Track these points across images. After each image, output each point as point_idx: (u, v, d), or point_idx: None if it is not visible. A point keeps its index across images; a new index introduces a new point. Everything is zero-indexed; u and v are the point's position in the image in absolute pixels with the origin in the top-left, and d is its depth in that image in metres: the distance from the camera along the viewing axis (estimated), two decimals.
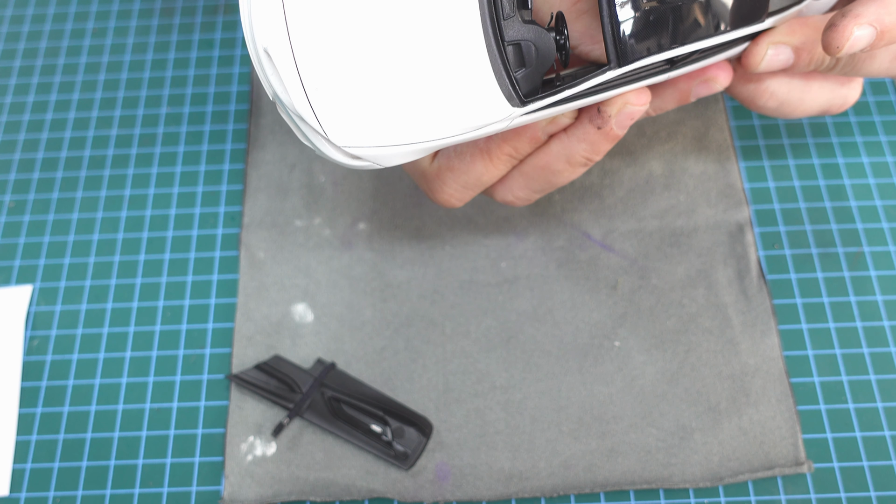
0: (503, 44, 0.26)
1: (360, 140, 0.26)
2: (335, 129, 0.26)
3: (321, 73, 0.25)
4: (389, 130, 0.26)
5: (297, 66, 0.25)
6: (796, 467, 0.36)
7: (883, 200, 0.43)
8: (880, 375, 0.38)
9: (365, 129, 0.26)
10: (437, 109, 0.26)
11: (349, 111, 0.26)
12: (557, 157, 0.32)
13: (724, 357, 0.39)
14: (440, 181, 0.32)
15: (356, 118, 0.26)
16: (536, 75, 0.27)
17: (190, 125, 0.47)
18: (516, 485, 0.36)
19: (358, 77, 0.25)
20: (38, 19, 0.51)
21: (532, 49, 0.26)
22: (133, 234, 0.43)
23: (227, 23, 0.50)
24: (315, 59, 0.25)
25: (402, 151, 0.27)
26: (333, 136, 0.26)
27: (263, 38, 0.25)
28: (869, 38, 0.27)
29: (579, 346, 0.39)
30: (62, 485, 0.37)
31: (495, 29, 0.26)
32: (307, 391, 0.38)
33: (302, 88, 0.25)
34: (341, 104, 0.25)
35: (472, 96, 0.26)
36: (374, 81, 0.25)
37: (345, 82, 0.25)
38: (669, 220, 0.42)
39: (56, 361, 0.40)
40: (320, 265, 0.42)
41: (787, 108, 0.35)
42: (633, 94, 0.29)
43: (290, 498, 0.36)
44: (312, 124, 0.26)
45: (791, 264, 0.41)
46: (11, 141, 0.47)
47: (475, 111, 0.26)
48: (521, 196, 0.34)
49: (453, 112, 0.26)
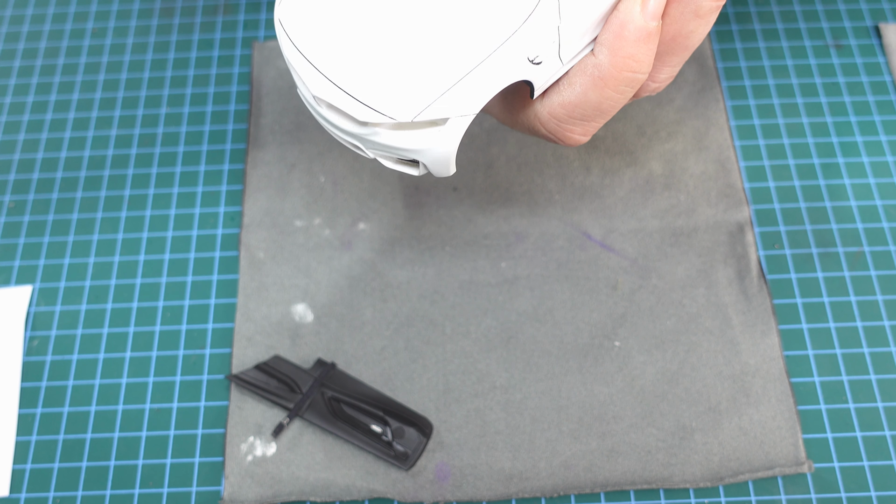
0: None
1: (425, 100, 0.25)
2: (398, 106, 0.25)
3: (364, 79, 0.26)
4: (443, 75, 0.25)
5: (342, 88, 0.26)
6: (797, 467, 0.36)
7: (883, 200, 0.43)
8: (880, 375, 0.38)
9: (422, 89, 0.25)
10: (478, 38, 0.25)
11: (399, 85, 0.25)
12: (684, 19, 0.28)
13: (725, 357, 0.38)
14: (627, 69, 0.28)
15: (408, 87, 0.25)
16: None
17: (190, 125, 0.47)
18: (516, 485, 0.36)
19: (393, 61, 0.25)
20: (38, 19, 0.51)
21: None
22: (133, 235, 0.43)
23: (226, 23, 0.50)
24: (352, 73, 0.26)
25: (469, 86, 0.26)
26: (400, 114, 0.25)
27: (308, 92, 0.27)
28: None
29: (579, 346, 0.39)
30: (62, 485, 0.37)
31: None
32: (307, 391, 0.38)
33: (356, 100, 0.26)
34: (389, 86, 0.25)
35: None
36: (408, 58, 0.25)
37: (383, 71, 0.25)
38: (669, 220, 0.42)
39: (56, 362, 0.40)
40: (320, 265, 0.42)
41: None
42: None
43: (290, 498, 0.36)
44: (381, 120, 0.26)
45: (791, 264, 0.41)
46: (11, 141, 0.47)
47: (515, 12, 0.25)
48: (664, 78, 0.30)
49: (495, 29, 0.25)
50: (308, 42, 0.27)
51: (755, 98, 0.46)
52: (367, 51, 0.26)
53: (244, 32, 0.50)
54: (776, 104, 0.46)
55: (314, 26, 0.27)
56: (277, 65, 0.48)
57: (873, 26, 0.48)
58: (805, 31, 0.48)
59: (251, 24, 0.50)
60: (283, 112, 0.46)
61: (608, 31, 0.27)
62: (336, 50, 0.26)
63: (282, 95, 0.47)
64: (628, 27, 0.26)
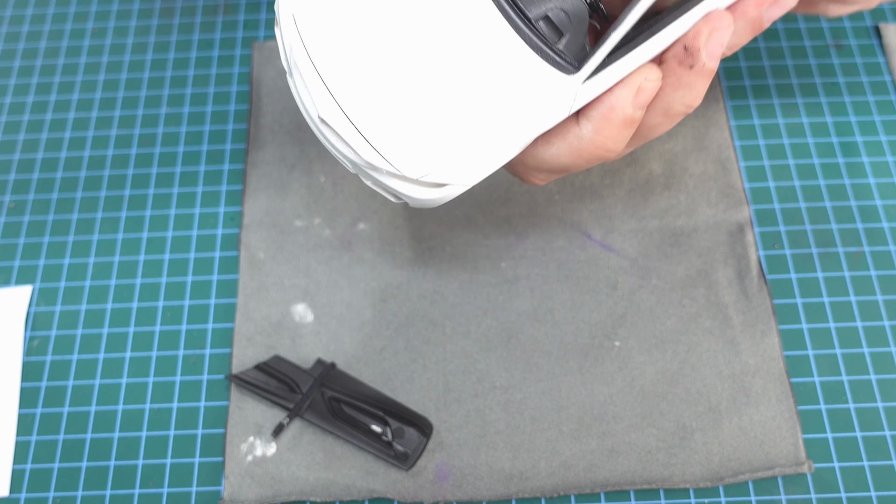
0: (531, 22, 0.25)
1: (435, 164, 0.26)
2: (405, 163, 0.26)
3: (375, 120, 0.25)
4: (459, 145, 0.26)
5: (353, 122, 0.25)
6: (797, 467, 0.36)
7: (883, 200, 0.43)
8: (881, 375, 0.38)
9: (436, 152, 0.26)
10: (504, 113, 0.26)
11: (413, 140, 0.25)
12: (654, 114, 0.30)
13: (725, 357, 0.38)
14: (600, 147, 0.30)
15: (423, 145, 0.25)
16: (578, 36, 0.26)
17: (189, 125, 0.47)
18: (516, 485, 0.36)
19: (413, 109, 0.25)
20: (38, 19, 0.51)
21: (562, 15, 0.26)
22: (133, 235, 0.43)
23: (226, 23, 0.50)
24: (363, 104, 0.25)
25: (483, 163, 0.26)
26: (408, 171, 0.26)
27: (315, 111, 0.25)
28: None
29: (579, 346, 0.39)
30: (62, 485, 0.37)
31: (517, 12, 0.25)
32: (307, 391, 0.38)
33: (364, 139, 0.25)
34: (404, 138, 0.25)
35: (528, 83, 0.26)
36: (428, 113, 0.25)
37: (399, 118, 0.25)
38: (669, 220, 0.42)
39: (56, 362, 0.40)
40: (320, 265, 0.42)
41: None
42: (716, 18, 0.27)
43: (290, 498, 0.36)
44: (385, 167, 0.26)
45: (791, 264, 0.41)
46: (11, 141, 0.47)
47: (537, 97, 0.26)
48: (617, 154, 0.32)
49: (517, 109, 0.26)
50: (324, 54, 0.25)
51: (755, 98, 0.46)
52: (390, 92, 0.25)
53: (244, 32, 0.50)
54: (776, 104, 0.46)
55: (335, 37, 0.25)
56: (277, 65, 0.48)
57: (873, 26, 0.48)
58: (805, 30, 0.48)
59: (251, 24, 0.50)
60: (283, 112, 0.46)
61: (597, 111, 0.28)
62: (355, 75, 0.25)
63: (282, 95, 0.47)
64: (617, 112, 0.28)
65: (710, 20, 0.27)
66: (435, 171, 0.26)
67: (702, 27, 0.28)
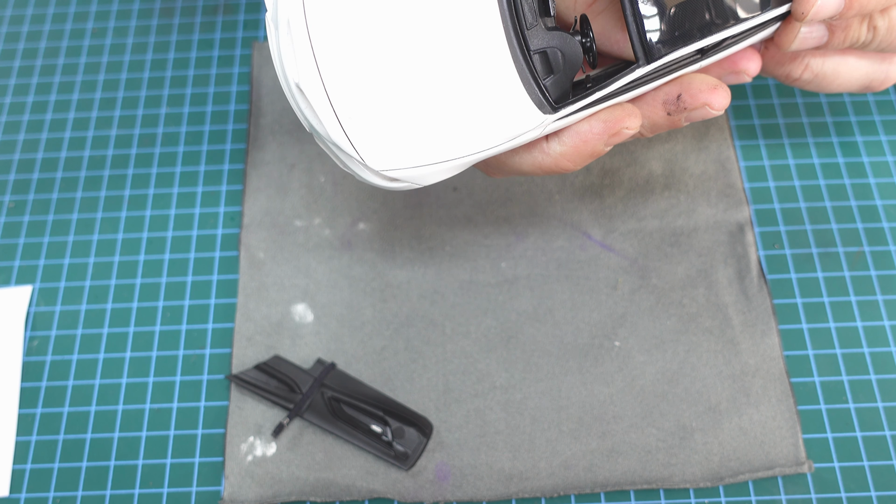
0: (529, 53, 0.26)
1: (397, 162, 0.26)
2: (372, 154, 0.26)
3: (353, 103, 0.25)
4: (425, 150, 0.26)
5: (330, 99, 0.25)
6: (797, 467, 0.36)
7: (883, 200, 0.43)
8: (881, 375, 0.38)
9: (401, 151, 0.26)
10: (470, 125, 0.26)
11: (384, 136, 0.26)
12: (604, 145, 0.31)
13: (725, 357, 0.38)
14: (559, 167, 0.31)
15: (391, 142, 0.26)
16: (565, 80, 0.27)
17: (189, 125, 0.47)
18: (516, 485, 0.36)
19: (389, 102, 0.25)
20: (38, 19, 0.51)
21: (558, 55, 0.26)
22: (133, 235, 0.43)
23: (226, 23, 0.50)
24: (346, 89, 0.25)
25: (439, 169, 0.27)
26: (371, 161, 0.26)
27: (294, 74, 0.25)
28: (836, 7, 0.27)
29: (579, 346, 0.39)
30: (62, 485, 0.37)
31: (520, 39, 0.26)
32: (307, 391, 0.38)
33: (336, 119, 0.25)
34: (375, 130, 0.26)
35: (504, 108, 0.26)
36: (405, 105, 0.26)
37: (377, 109, 0.25)
38: (669, 220, 0.42)
39: (56, 362, 0.40)
40: (320, 265, 0.42)
41: (824, 81, 0.34)
42: (716, 97, 0.28)
43: (290, 498, 0.36)
44: (349, 152, 0.26)
45: (791, 264, 0.41)
46: (11, 141, 0.47)
47: (508, 123, 0.27)
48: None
49: (486, 126, 0.26)
50: (322, 23, 0.25)
51: (755, 98, 0.46)
52: (375, 81, 0.25)
53: (244, 32, 0.50)
54: (776, 104, 0.46)
55: (339, 10, 0.25)
56: None
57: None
58: None
59: (251, 24, 0.50)
60: (283, 112, 0.46)
61: (569, 137, 0.29)
62: (347, 54, 0.25)
63: (282, 95, 0.47)
64: (589, 146, 0.29)
65: (712, 98, 0.28)
66: (395, 169, 0.26)
67: (700, 96, 0.29)
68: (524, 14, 0.26)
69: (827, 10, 0.27)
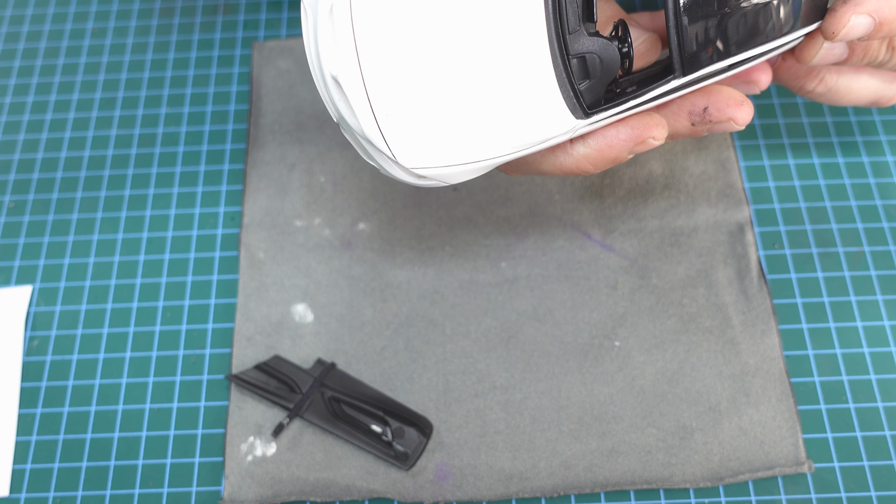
0: (568, 58, 0.26)
1: (428, 161, 0.26)
2: (404, 152, 0.26)
3: (391, 100, 0.25)
4: (456, 151, 0.26)
5: (368, 94, 0.25)
6: (797, 467, 0.36)
7: (883, 200, 0.43)
8: (880, 375, 0.38)
9: (433, 151, 0.26)
10: (503, 127, 0.26)
11: (418, 135, 0.26)
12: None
13: (725, 357, 0.38)
14: (580, 169, 0.31)
15: (425, 141, 0.26)
16: (600, 86, 0.27)
17: (189, 125, 0.47)
18: (516, 485, 0.36)
19: (427, 101, 0.25)
20: (38, 19, 0.51)
21: (597, 60, 0.26)
22: (133, 235, 0.43)
23: (226, 23, 0.50)
24: (385, 86, 0.25)
25: (468, 169, 0.27)
26: (402, 158, 0.26)
27: (333, 65, 0.25)
28: (866, 28, 0.28)
29: (579, 346, 0.39)
30: (62, 485, 0.37)
31: (561, 44, 0.25)
32: (307, 391, 0.38)
33: (372, 115, 0.25)
34: (410, 129, 0.26)
35: (538, 111, 0.26)
36: (442, 105, 0.25)
37: (414, 107, 0.25)
38: (669, 220, 0.42)
39: (56, 362, 0.40)
40: (320, 265, 0.42)
41: (835, 95, 0.34)
42: (742, 113, 0.29)
43: (291, 498, 0.36)
44: (381, 148, 0.26)
45: (791, 264, 0.41)
46: (11, 141, 0.47)
47: (540, 125, 0.26)
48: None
49: (518, 128, 0.26)
50: (369, 32, 0.24)
51: (755, 98, 0.46)
52: (414, 79, 0.25)
53: (244, 32, 0.50)
54: (776, 104, 0.46)
55: (386, 7, 0.24)
56: (277, 65, 0.48)
57: None
58: None
59: (251, 24, 0.50)
60: (283, 112, 0.46)
61: (594, 141, 0.29)
62: (389, 49, 0.24)
63: (282, 95, 0.47)
64: (613, 152, 0.29)
65: (737, 114, 0.29)
66: (425, 168, 0.26)
67: (726, 111, 0.29)
68: (568, 18, 0.25)
69: (857, 31, 0.28)
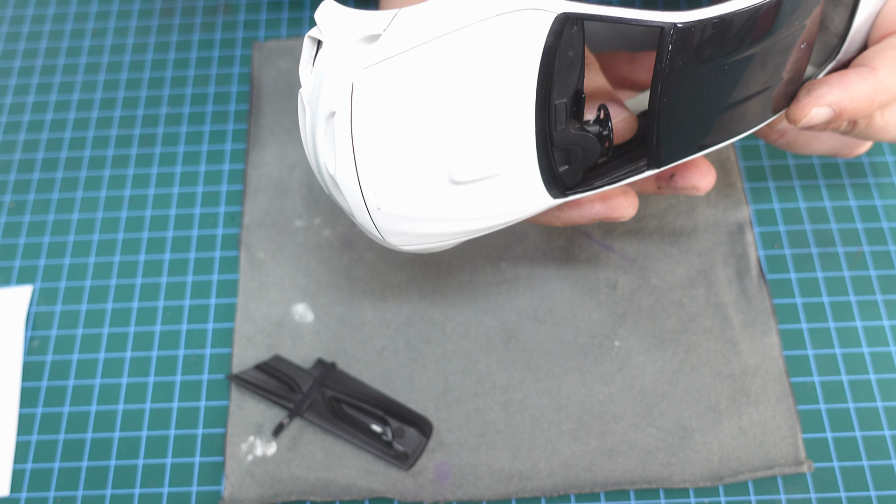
0: (553, 150, 0.27)
1: (414, 242, 0.28)
2: (393, 237, 0.28)
3: (384, 199, 0.26)
4: (440, 235, 0.28)
5: (363, 194, 0.26)
6: (796, 467, 0.36)
7: (883, 200, 0.43)
8: (880, 375, 0.38)
9: (419, 237, 0.28)
10: (485, 212, 0.28)
11: (406, 227, 0.27)
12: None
13: (724, 357, 0.39)
14: (549, 222, 0.33)
15: (412, 231, 0.28)
16: (578, 171, 0.28)
17: (190, 125, 0.47)
18: (516, 485, 0.36)
19: (417, 200, 0.27)
20: (38, 20, 0.51)
21: (578, 151, 0.28)
22: (133, 235, 0.43)
23: (226, 23, 0.50)
24: (380, 187, 0.26)
25: (449, 244, 0.29)
26: (391, 241, 0.28)
27: (331, 166, 0.26)
28: (826, 117, 0.30)
29: (579, 346, 0.39)
30: (62, 485, 0.37)
31: (546, 141, 0.27)
32: (307, 391, 0.38)
33: (365, 208, 0.27)
34: (400, 222, 0.27)
35: (519, 195, 0.28)
36: (430, 201, 0.27)
37: (405, 205, 0.27)
38: (669, 220, 0.42)
39: (56, 362, 0.40)
40: (320, 265, 0.42)
41: (796, 147, 0.37)
42: (706, 182, 0.31)
43: (291, 498, 0.36)
44: (372, 232, 0.28)
45: (791, 264, 0.41)
46: (11, 141, 0.47)
47: (520, 206, 0.28)
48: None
49: (499, 210, 0.28)
50: (367, 140, 0.25)
51: None
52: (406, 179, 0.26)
53: (244, 33, 0.50)
54: None
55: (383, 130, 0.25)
56: (277, 65, 0.48)
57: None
58: None
59: (251, 24, 0.50)
60: (283, 112, 0.46)
61: (568, 208, 0.31)
62: (384, 164, 0.26)
63: (282, 95, 0.47)
64: (585, 217, 0.31)
65: (700, 182, 0.31)
66: (409, 246, 0.29)
67: (690, 178, 0.31)
68: (556, 120, 0.27)
69: (818, 120, 0.30)
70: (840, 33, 0.32)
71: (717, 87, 0.27)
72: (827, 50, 0.33)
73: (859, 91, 0.29)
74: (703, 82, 0.26)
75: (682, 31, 0.25)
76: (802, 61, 0.29)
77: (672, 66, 0.25)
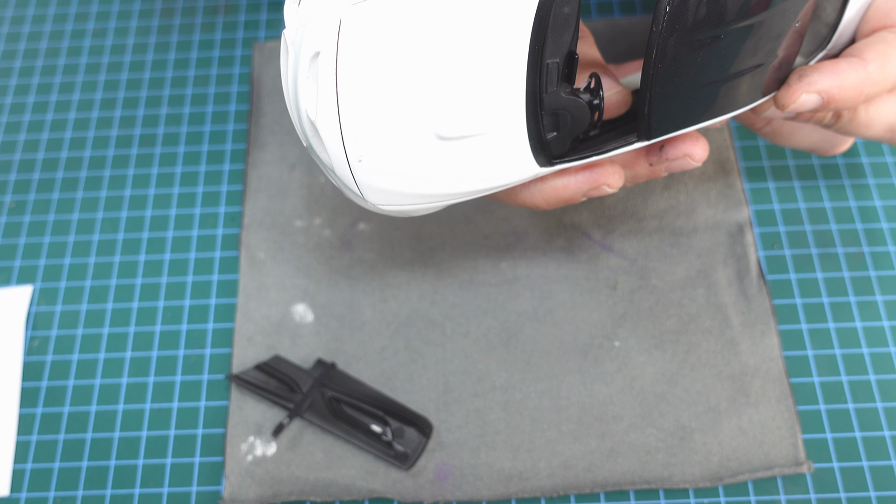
0: (542, 113, 0.26)
1: (394, 201, 0.27)
2: (372, 194, 0.27)
3: (366, 149, 0.25)
4: (422, 194, 0.27)
5: (344, 142, 0.25)
6: (796, 467, 0.36)
7: (882, 201, 0.43)
8: (880, 375, 0.38)
9: (401, 194, 0.27)
10: (470, 173, 0.27)
11: (387, 181, 0.26)
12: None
13: (724, 357, 0.39)
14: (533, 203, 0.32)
15: (393, 186, 0.27)
16: (567, 139, 0.27)
17: (190, 126, 0.47)
18: (516, 485, 0.36)
19: (399, 152, 0.26)
20: (39, 20, 0.51)
21: (568, 117, 0.27)
22: (133, 235, 0.43)
23: (227, 23, 0.51)
24: (362, 135, 0.25)
25: (431, 207, 0.28)
26: (370, 198, 0.27)
27: (312, 110, 0.25)
28: (815, 104, 0.30)
29: (579, 346, 0.39)
30: (62, 485, 0.37)
31: (536, 102, 0.26)
32: (307, 391, 0.38)
33: (345, 159, 0.26)
34: (381, 175, 0.26)
35: (505, 160, 0.27)
36: (413, 154, 0.26)
37: (387, 157, 0.26)
38: (669, 220, 0.42)
39: (56, 362, 0.40)
40: (320, 265, 0.42)
41: (779, 137, 0.36)
42: (698, 149, 0.30)
43: (290, 498, 0.36)
44: (351, 188, 0.27)
45: (791, 264, 0.41)
46: (12, 141, 0.47)
47: (505, 172, 0.27)
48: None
49: (484, 174, 0.27)
50: (352, 84, 0.24)
51: None
52: (391, 129, 0.25)
53: (244, 33, 0.50)
54: None
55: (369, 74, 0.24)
56: (278, 65, 0.48)
57: None
58: None
59: (251, 24, 0.50)
60: (283, 112, 0.46)
61: (551, 181, 0.30)
62: (368, 111, 0.25)
63: (282, 96, 0.47)
64: (567, 193, 0.30)
65: (694, 149, 0.30)
66: (390, 206, 0.27)
67: (681, 147, 0.30)
68: (547, 80, 0.26)
69: (806, 107, 0.30)
70: (831, 23, 0.32)
71: (713, 56, 0.26)
72: (817, 39, 0.32)
73: (849, 80, 0.29)
74: (699, 50, 0.26)
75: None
76: (796, 42, 0.29)
77: (669, 29, 0.25)
